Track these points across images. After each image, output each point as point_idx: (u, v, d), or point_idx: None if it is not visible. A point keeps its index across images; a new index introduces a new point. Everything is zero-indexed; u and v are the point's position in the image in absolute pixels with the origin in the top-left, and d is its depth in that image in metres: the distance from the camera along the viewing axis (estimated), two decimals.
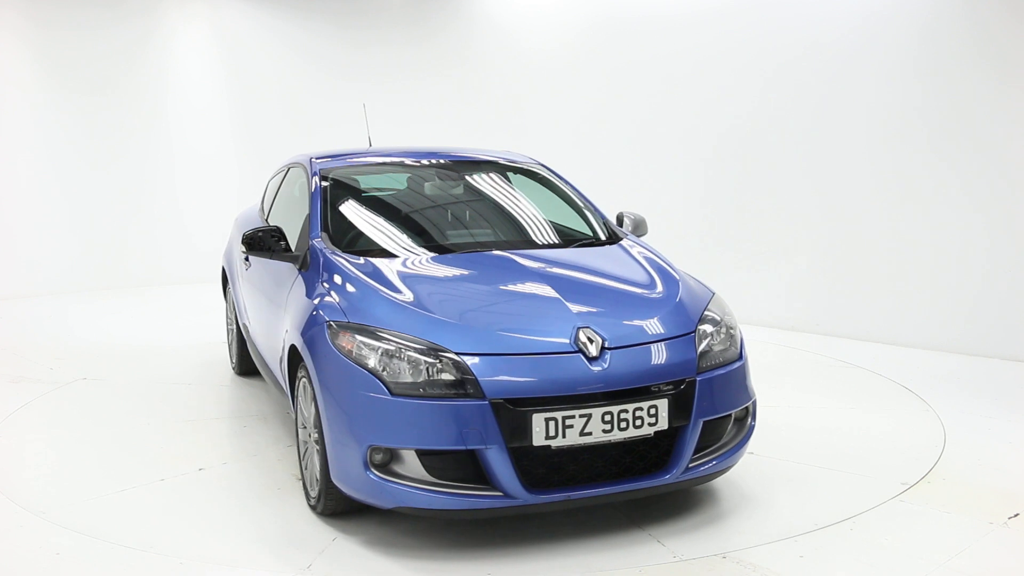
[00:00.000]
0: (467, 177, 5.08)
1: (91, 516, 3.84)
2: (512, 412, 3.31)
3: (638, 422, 3.42)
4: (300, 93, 11.01)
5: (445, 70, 10.37)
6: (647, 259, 4.35)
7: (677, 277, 4.14)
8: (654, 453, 3.54)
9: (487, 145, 6.75)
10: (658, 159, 8.66)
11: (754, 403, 3.91)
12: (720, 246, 8.32)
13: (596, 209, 4.96)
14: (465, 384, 3.34)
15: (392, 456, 3.39)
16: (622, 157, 8.91)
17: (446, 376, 3.37)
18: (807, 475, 4.33)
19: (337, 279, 3.93)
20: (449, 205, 4.96)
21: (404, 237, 4.48)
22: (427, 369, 3.38)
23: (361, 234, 4.45)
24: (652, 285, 4.03)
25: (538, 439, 3.32)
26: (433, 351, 3.41)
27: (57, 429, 5.08)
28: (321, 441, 3.61)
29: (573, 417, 3.34)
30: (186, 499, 4.01)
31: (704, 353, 3.68)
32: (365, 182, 5.03)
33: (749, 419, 3.89)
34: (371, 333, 3.51)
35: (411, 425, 3.34)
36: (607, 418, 3.38)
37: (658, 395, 3.48)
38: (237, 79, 10.91)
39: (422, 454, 3.36)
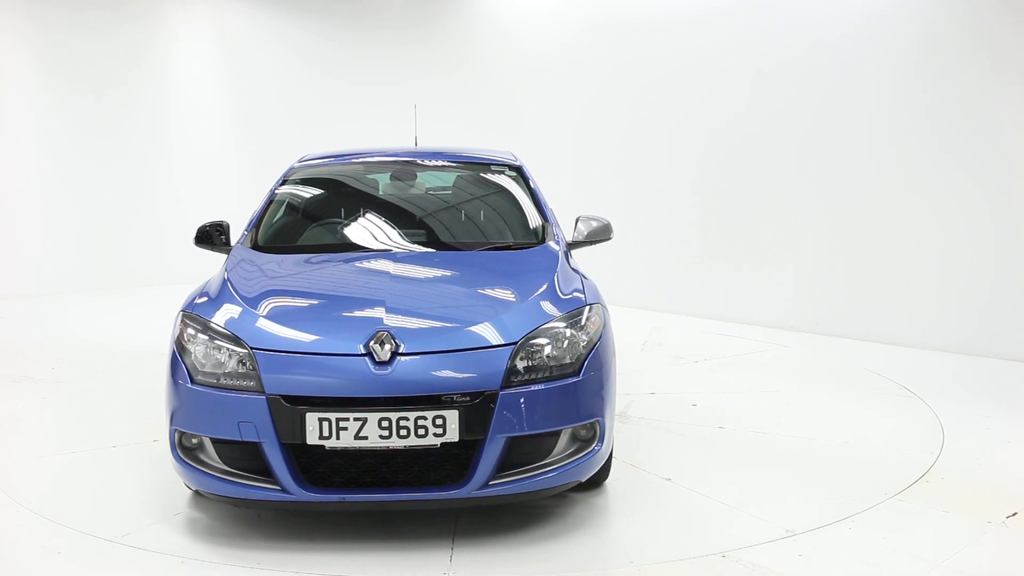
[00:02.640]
0: (428, 177, 5.19)
1: (92, 516, 3.85)
2: (286, 409, 3.34)
3: (421, 431, 3.32)
4: (301, 93, 11.03)
5: (445, 70, 10.38)
6: (534, 267, 4.16)
7: (541, 288, 3.88)
8: (450, 465, 3.42)
9: (486, 144, 6.75)
10: (659, 158, 8.67)
11: (600, 425, 3.62)
12: (720, 245, 8.33)
13: (543, 211, 4.80)
14: (251, 378, 3.42)
15: (200, 442, 3.54)
16: (623, 156, 8.92)
17: (239, 369, 3.46)
18: (806, 474, 4.34)
19: (219, 272, 4.18)
20: (395, 205, 5.03)
21: (318, 236, 4.71)
22: (226, 361, 3.49)
23: (280, 233, 4.68)
24: (506, 294, 3.86)
25: (312, 438, 3.33)
26: (236, 344, 3.51)
27: (58, 429, 5.09)
28: None
29: (348, 420, 3.31)
30: (187, 498, 4.02)
31: (521, 367, 3.46)
32: (333, 183, 5.19)
33: (595, 443, 3.62)
34: (199, 323, 3.67)
35: (205, 414, 3.48)
36: (384, 424, 3.31)
37: (448, 406, 3.34)
38: (238, 80, 10.93)
39: (216, 442, 3.49)
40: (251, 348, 3.47)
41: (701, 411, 5.27)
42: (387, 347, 3.40)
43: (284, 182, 5.03)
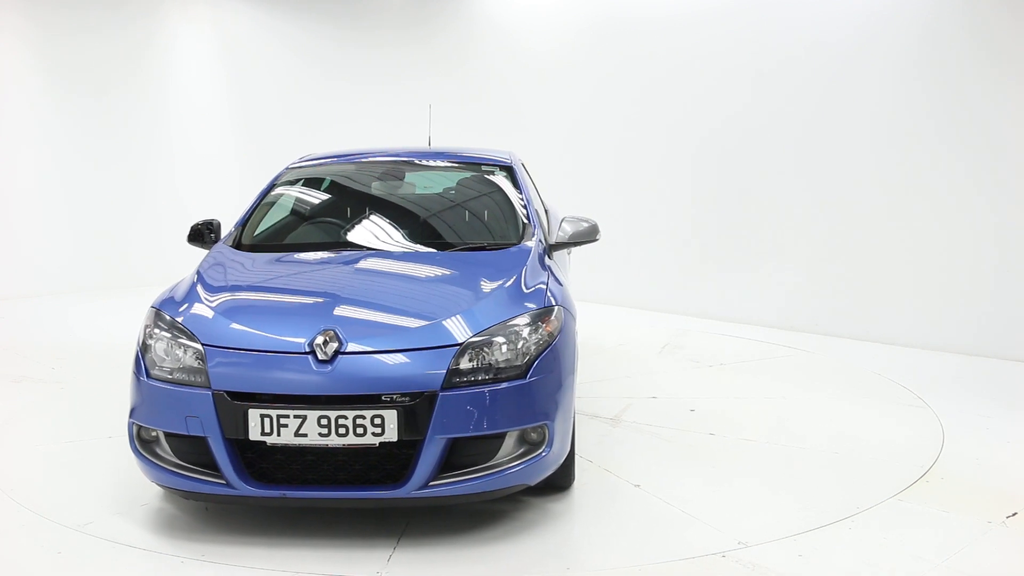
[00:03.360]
0: (416, 177, 5.22)
1: (92, 515, 3.85)
2: (230, 404, 3.40)
3: (359, 430, 3.34)
4: (300, 93, 11.04)
5: (445, 71, 10.37)
6: (498, 268, 4.10)
7: (498, 290, 3.86)
8: (390, 464, 3.43)
9: (488, 144, 6.73)
10: (659, 158, 8.67)
11: (549, 429, 3.57)
12: (721, 245, 8.33)
13: (527, 211, 4.75)
14: (201, 373, 3.49)
15: (156, 435, 3.62)
16: (624, 156, 8.92)
17: (193, 364, 3.53)
18: (806, 474, 4.34)
19: (193, 270, 4.26)
20: (377, 206, 5.05)
21: (298, 236, 4.78)
22: (182, 356, 3.57)
23: (262, 232, 4.73)
24: (461, 295, 3.84)
25: (254, 434, 3.37)
26: (191, 340, 3.59)
27: (58, 428, 5.09)
28: None
29: (288, 417, 3.35)
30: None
31: (464, 368, 3.45)
32: (322, 183, 5.24)
33: (544, 447, 3.57)
34: (163, 319, 3.76)
35: (158, 408, 3.56)
36: (324, 422, 3.34)
37: (387, 406, 3.35)
38: (238, 80, 10.93)
39: (168, 436, 3.57)
40: (203, 344, 3.55)
41: (698, 416, 5.21)
42: (330, 346, 3.42)
43: (275, 182, 5.10)
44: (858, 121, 7.33)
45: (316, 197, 5.15)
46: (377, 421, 3.34)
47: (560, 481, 3.99)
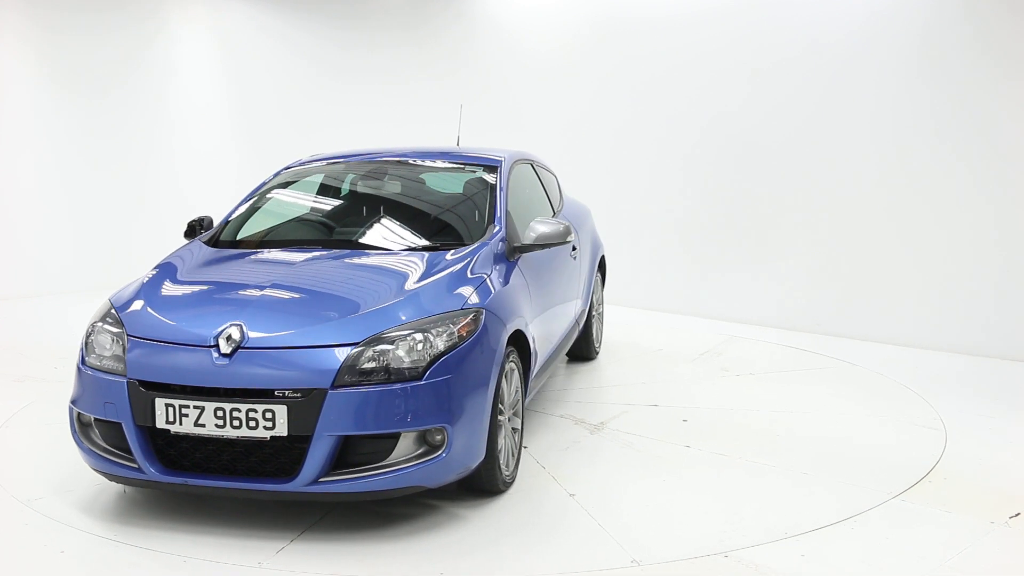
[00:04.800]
0: (398, 178, 5.25)
1: (95, 515, 3.85)
2: (141, 393, 3.56)
3: (252, 423, 3.44)
4: (300, 94, 11.04)
5: (446, 71, 10.37)
6: (433, 268, 4.10)
7: (418, 290, 3.88)
8: (283, 458, 3.50)
9: (490, 144, 6.71)
10: (662, 157, 8.67)
11: (448, 432, 3.56)
12: (723, 244, 8.32)
13: (495, 212, 4.71)
14: (121, 362, 3.69)
15: (90, 421, 3.82)
16: (626, 155, 8.92)
17: (116, 354, 3.74)
18: (808, 474, 4.34)
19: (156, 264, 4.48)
20: (349, 206, 5.20)
21: (268, 234, 4.85)
22: (111, 346, 3.78)
23: (238, 230, 4.87)
24: (378, 294, 3.85)
25: (160, 422, 3.53)
26: (119, 330, 3.80)
27: (61, 428, 5.08)
28: None
29: (188, 407, 3.48)
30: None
31: (358, 368, 3.48)
32: (307, 184, 5.34)
33: (442, 450, 3.56)
34: (110, 312, 3.97)
35: (88, 394, 3.78)
36: (219, 414, 3.46)
37: (278, 401, 3.43)
38: (238, 81, 10.94)
39: (98, 422, 3.77)
40: (128, 335, 3.75)
41: (687, 427, 5.01)
42: (232, 340, 3.54)
43: (264, 184, 5.22)
44: (861, 120, 7.32)
45: (297, 198, 5.26)
46: (268, 415, 3.43)
47: (486, 485, 3.96)
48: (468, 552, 3.54)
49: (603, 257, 6.75)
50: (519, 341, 4.27)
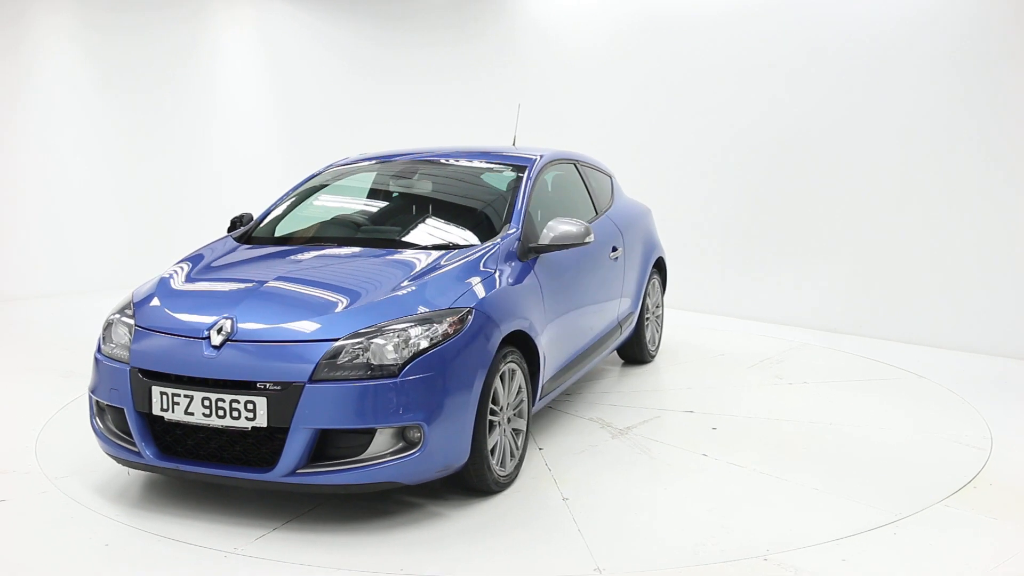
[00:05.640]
0: (427, 177, 5.28)
1: (141, 509, 3.91)
2: (141, 381, 3.74)
3: (235, 414, 3.57)
4: (342, 94, 11.12)
5: (487, 70, 10.39)
6: (430, 267, 4.12)
7: (409, 289, 3.91)
8: (264, 449, 3.61)
9: (547, 144, 6.63)
10: (701, 157, 8.62)
11: (424, 430, 3.59)
12: (764, 246, 8.26)
13: (514, 213, 4.67)
14: (127, 350, 3.88)
15: (104, 408, 4.01)
16: (665, 155, 8.87)
17: (125, 343, 3.92)
18: (850, 478, 4.29)
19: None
20: (377, 205, 5.29)
21: (295, 231, 4.97)
22: (123, 335, 3.95)
23: (269, 228, 5.01)
24: (370, 291, 3.91)
25: (156, 409, 3.70)
26: (131, 320, 3.99)
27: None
28: None
29: (180, 396, 3.64)
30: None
31: (337, 363, 3.56)
32: (342, 184, 5.41)
33: (417, 448, 3.60)
34: (128, 304, 4.16)
35: (100, 381, 3.97)
36: (207, 403, 3.60)
37: (260, 392, 3.55)
38: (282, 81, 11.05)
39: (109, 408, 3.95)
40: (136, 325, 3.93)
41: (714, 435, 4.89)
42: (223, 333, 3.68)
43: (301, 184, 5.36)
44: (902, 121, 7.22)
45: (329, 197, 5.35)
46: (250, 407, 3.55)
47: (475, 485, 3.98)
48: (436, 549, 3.56)
49: (661, 259, 6.61)
50: (525, 342, 4.28)
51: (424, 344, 3.66)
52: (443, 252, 4.32)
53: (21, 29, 9.00)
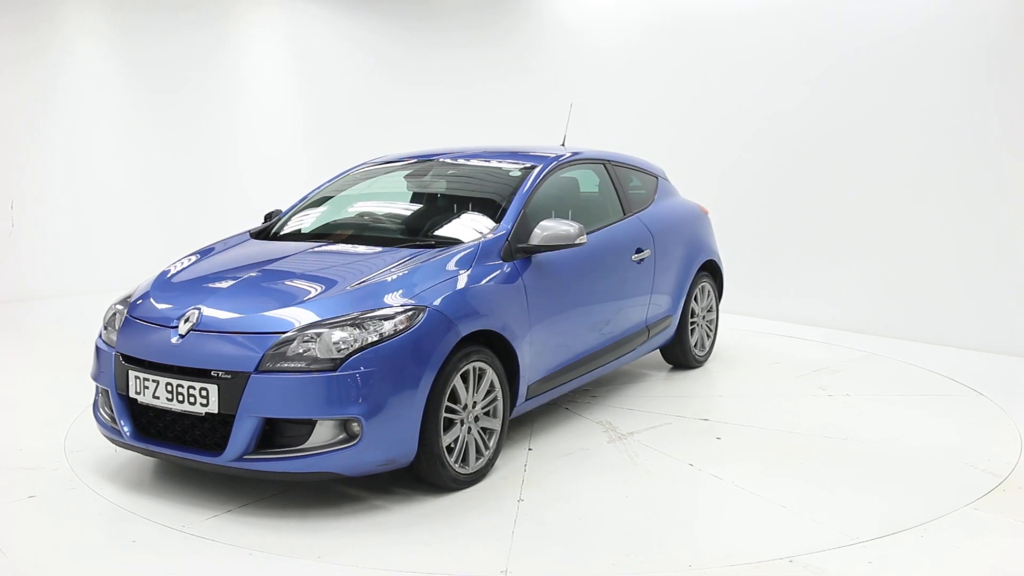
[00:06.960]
0: (442, 177, 5.39)
1: (165, 505, 3.95)
2: (121, 364, 4.03)
3: (191, 399, 3.77)
4: (369, 95, 11.17)
5: (514, 71, 10.39)
6: (405, 264, 4.17)
7: (367, 284, 3.99)
8: (217, 434, 3.78)
9: (593, 144, 6.54)
10: (726, 158, 8.58)
11: (362, 424, 3.67)
12: (789, 247, 8.21)
13: (507, 213, 4.69)
14: (116, 336, 4.17)
15: (104, 392, 4.23)
16: (690, 155, 8.83)
17: (116, 330, 4.20)
18: (877, 480, 4.26)
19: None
20: (383, 205, 5.43)
21: (306, 228, 5.13)
22: (116, 323, 4.23)
23: (287, 225, 5.19)
24: (330, 287, 4.04)
25: (132, 392, 3.96)
26: (123, 308, 4.29)
27: None
28: None
29: (149, 380, 3.89)
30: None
31: (283, 354, 3.69)
32: (362, 183, 5.54)
33: (355, 441, 3.68)
34: (130, 295, 4.44)
35: (96, 365, 4.25)
36: (169, 388, 3.82)
37: (212, 380, 3.73)
38: (308, 81, 11.11)
39: (104, 392, 4.21)
40: (128, 314, 4.20)
41: (716, 446, 4.74)
42: (189, 323, 3.89)
43: (326, 184, 5.55)
44: (929, 122, 7.15)
45: (343, 198, 5.44)
46: (204, 393, 3.75)
47: (428, 480, 4.03)
48: (358, 539, 3.62)
49: (711, 262, 6.36)
50: (501, 343, 4.30)
51: (372, 339, 3.75)
52: (423, 250, 4.38)
53: (51, 30, 9.11)
